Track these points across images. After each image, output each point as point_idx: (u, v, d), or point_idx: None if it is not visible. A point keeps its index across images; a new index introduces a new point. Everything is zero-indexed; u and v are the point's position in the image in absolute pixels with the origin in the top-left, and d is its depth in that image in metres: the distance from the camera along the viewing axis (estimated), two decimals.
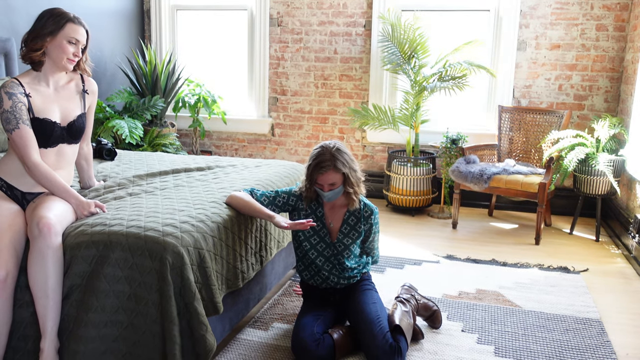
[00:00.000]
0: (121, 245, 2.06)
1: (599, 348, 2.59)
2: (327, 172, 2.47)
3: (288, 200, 2.63)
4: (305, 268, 2.67)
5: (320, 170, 2.47)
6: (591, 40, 4.58)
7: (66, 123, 2.39)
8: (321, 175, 2.48)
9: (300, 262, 2.68)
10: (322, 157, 2.48)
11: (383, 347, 2.34)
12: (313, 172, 2.50)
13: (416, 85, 4.56)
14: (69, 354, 2.03)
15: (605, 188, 4.07)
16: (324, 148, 2.51)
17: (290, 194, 2.65)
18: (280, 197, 2.63)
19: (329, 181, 2.49)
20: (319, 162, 2.48)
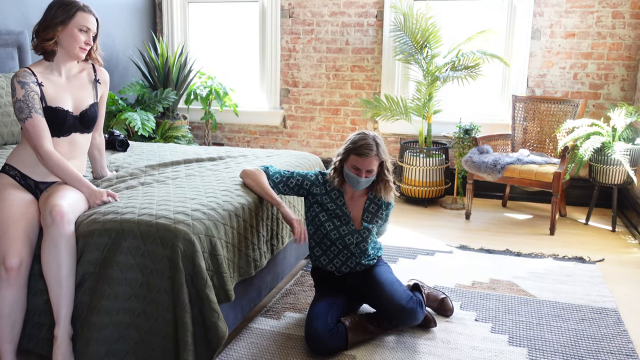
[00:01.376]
0: (133, 233, 2.06)
1: (615, 337, 2.55)
2: (368, 157, 2.43)
3: (302, 184, 2.58)
4: (323, 253, 2.61)
5: (363, 154, 2.42)
6: (607, 28, 4.50)
7: (78, 112, 2.40)
8: (362, 159, 2.43)
9: (318, 247, 2.63)
10: (365, 142, 2.44)
11: (405, 299, 2.42)
12: (353, 155, 2.44)
13: (428, 75, 4.53)
14: (82, 341, 2.05)
15: (622, 177, 4.02)
16: (366, 134, 2.48)
17: (306, 177, 2.60)
18: (294, 179, 2.59)
19: (368, 167, 2.45)
20: (363, 145, 2.43)
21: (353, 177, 2.48)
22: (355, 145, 2.44)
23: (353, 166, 2.46)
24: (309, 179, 2.60)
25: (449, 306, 2.73)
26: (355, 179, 2.48)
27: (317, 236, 2.62)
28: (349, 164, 2.47)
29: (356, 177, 2.47)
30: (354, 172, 2.47)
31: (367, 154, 2.42)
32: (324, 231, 2.58)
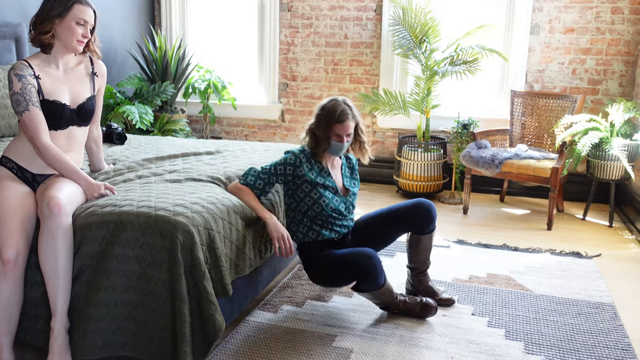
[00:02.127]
0: (132, 225, 2.06)
1: (611, 332, 2.56)
2: (347, 122, 2.50)
3: (285, 172, 2.55)
4: (322, 227, 2.60)
5: (342, 121, 2.48)
6: (606, 24, 4.50)
7: (76, 105, 2.39)
8: (342, 125, 2.49)
9: (314, 224, 2.59)
10: (342, 108, 2.51)
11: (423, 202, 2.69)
12: (332, 122, 2.48)
13: (427, 70, 4.52)
14: (79, 333, 2.05)
15: (619, 173, 4.02)
16: (337, 100, 2.54)
17: (287, 164, 2.55)
18: (275, 175, 2.56)
19: (348, 131, 2.52)
20: (342, 112, 2.49)
21: (336, 144, 2.54)
22: (336, 114, 2.49)
23: (335, 134, 2.51)
24: (290, 164, 2.55)
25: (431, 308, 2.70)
26: (338, 146, 2.54)
27: (311, 213, 2.57)
28: (332, 135, 2.51)
29: (339, 143, 2.53)
30: (337, 140, 2.53)
31: (347, 119, 2.50)
32: (319, 208, 2.56)
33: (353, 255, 2.48)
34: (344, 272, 2.51)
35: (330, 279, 2.62)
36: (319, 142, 2.55)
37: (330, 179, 2.61)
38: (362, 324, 2.61)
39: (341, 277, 2.57)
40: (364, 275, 2.45)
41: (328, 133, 2.51)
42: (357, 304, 2.79)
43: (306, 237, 2.63)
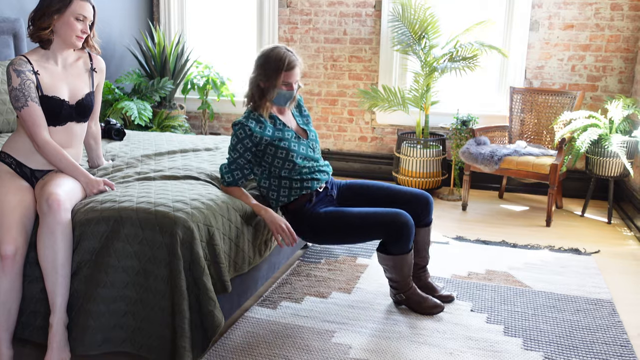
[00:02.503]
0: (131, 220, 2.06)
1: (610, 328, 2.57)
2: (296, 68, 2.45)
3: (246, 147, 2.48)
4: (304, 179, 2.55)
5: (291, 67, 2.43)
6: (605, 20, 4.49)
7: (75, 101, 2.38)
8: (291, 72, 2.44)
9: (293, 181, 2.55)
10: (287, 54, 2.45)
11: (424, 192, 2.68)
12: (281, 71, 2.42)
13: (426, 66, 4.51)
14: (78, 329, 2.05)
15: (618, 170, 4.02)
16: (279, 47, 2.47)
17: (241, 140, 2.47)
18: (243, 157, 2.50)
19: (297, 78, 2.48)
20: (289, 58, 2.43)
21: (286, 93, 2.48)
22: (283, 63, 2.42)
23: (285, 83, 2.45)
24: (243, 137, 2.46)
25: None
26: (288, 95, 2.49)
27: (285, 173, 2.53)
28: (280, 84, 2.45)
29: (289, 92, 2.48)
30: (287, 88, 2.47)
31: (296, 65, 2.45)
32: (290, 164, 2.51)
33: (389, 214, 2.46)
34: (373, 229, 2.47)
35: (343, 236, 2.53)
36: (265, 94, 2.46)
37: (287, 129, 2.56)
38: (361, 320, 2.61)
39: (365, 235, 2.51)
40: (397, 235, 2.44)
41: (276, 82, 2.43)
42: (357, 300, 2.80)
43: (291, 197, 2.57)
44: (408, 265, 2.58)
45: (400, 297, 2.66)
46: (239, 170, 2.53)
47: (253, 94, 2.50)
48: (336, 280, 3.03)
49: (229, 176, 2.54)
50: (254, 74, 2.49)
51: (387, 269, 2.61)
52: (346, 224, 2.51)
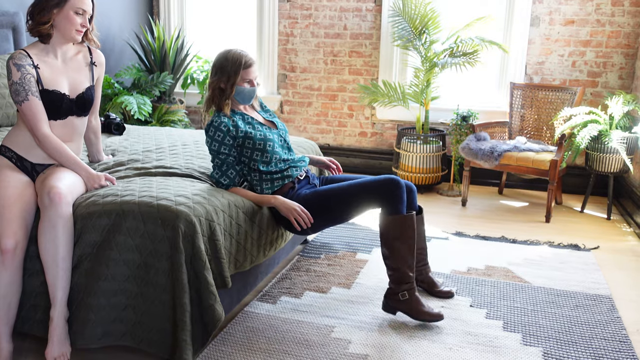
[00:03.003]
0: (133, 214, 2.06)
1: (608, 324, 2.57)
2: (254, 66, 2.57)
3: (230, 144, 2.51)
4: (282, 171, 2.59)
5: (249, 65, 2.54)
6: (606, 16, 4.49)
7: (75, 95, 2.38)
8: (249, 69, 2.54)
9: (272, 174, 2.57)
10: (243, 54, 2.55)
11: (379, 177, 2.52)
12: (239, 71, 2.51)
13: (427, 62, 4.51)
14: (78, 323, 2.05)
15: (618, 166, 4.03)
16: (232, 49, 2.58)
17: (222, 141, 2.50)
18: (229, 156, 2.52)
19: (256, 74, 2.58)
20: (246, 57, 2.54)
21: (249, 90, 2.57)
22: (241, 62, 2.52)
23: (246, 80, 2.55)
24: (225, 133, 2.49)
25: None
26: (251, 91, 2.58)
27: (264, 167, 2.56)
28: (241, 81, 2.54)
29: (251, 88, 2.57)
30: (249, 86, 2.57)
31: (253, 63, 2.57)
32: (269, 154, 2.55)
33: (380, 177, 2.48)
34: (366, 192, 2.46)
35: (338, 208, 2.52)
36: (227, 93, 2.53)
37: (256, 121, 2.63)
38: (361, 314, 2.62)
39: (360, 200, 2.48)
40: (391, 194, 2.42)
41: (236, 80, 2.52)
42: (356, 295, 2.80)
43: (274, 187, 2.59)
44: (409, 238, 2.45)
45: (402, 296, 2.49)
46: (232, 168, 2.54)
47: (214, 97, 2.56)
48: (336, 275, 3.03)
49: (224, 179, 2.53)
50: (214, 77, 2.56)
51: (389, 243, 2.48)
52: (338, 194, 2.50)
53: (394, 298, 2.52)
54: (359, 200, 2.49)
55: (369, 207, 2.51)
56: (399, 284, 2.51)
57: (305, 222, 2.46)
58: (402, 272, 2.49)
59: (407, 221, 2.46)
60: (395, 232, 2.46)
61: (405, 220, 2.46)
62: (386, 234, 2.49)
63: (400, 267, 2.49)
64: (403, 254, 2.48)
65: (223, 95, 2.54)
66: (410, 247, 2.48)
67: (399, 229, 2.46)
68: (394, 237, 2.47)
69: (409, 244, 2.48)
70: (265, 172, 2.57)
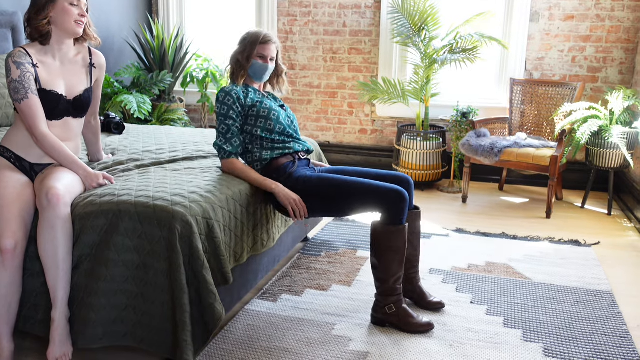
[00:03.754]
0: (130, 215, 2.06)
1: (609, 319, 2.57)
2: (271, 43, 2.63)
3: (237, 111, 2.57)
4: (283, 143, 2.62)
5: (267, 41, 2.61)
6: (606, 11, 4.47)
7: (72, 97, 2.38)
8: (267, 46, 2.61)
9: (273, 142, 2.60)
10: (265, 32, 2.64)
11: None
12: (256, 43, 2.59)
13: (426, 58, 4.50)
14: (79, 323, 2.06)
15: (619, 161, 4.02)
16: (255, 29, 2.69)
17: (231, 106, 2.56)
18: (235, 124, 2.56)
19: (271, 54, 2.64)
20: (265, 35, 2.63)
21: (262, 65, 2.63)
22: (259, 37, 2.61)
23: (259, 55, 2.62)
24: (235, 100, 2.56)
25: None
26: (263, 67, 2.63)
27: (267, 134, 2.59)
28: (256, 55, 2.61)
29: (264, 64, 2.63)
30: (261, 60, 2.63)
31: (270, 40, 2.63)
32: (273, 122, 2.60)
33: (387, 185, 2.43)
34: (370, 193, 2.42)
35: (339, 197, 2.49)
36: (242, 66, 2.62)
37: (266, 99, 2.69)
38: (362, 312, 2.62)
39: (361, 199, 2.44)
40: (394, 204, 2.39)
41: (252, 53, 2.60)
42: (356, 293, 2.80)
43: (274, 154, 2.59)
44: (400, 250, 2.42)
45: (389, 309, 2.46)
46: (236, 137, 2.58)
47: (233, 69, 2.67)
48: (336, 273, 3.03)
49: (227, 145, 2.56)
50: (234, 51, 2.68)
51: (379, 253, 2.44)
52: (343, 187, 2.47)
53: (381, 311, 2.48)
54: (361, 201, 2.46)
55: (369, 210, 2.48)
56: (386, 297, 2.47)
57: (301, 214, 2.49)
58: (389, 285, 2.46)
59: (402, 232, 2.43)
60: (387, 242, 2.42)
61: (399, 231, 2.42)
62: (378, 242, 2.45)
63: (388, 280, 2.45)
64: (392, 266, 2.43)
65: (240, 68, 2.63)
66: (401, 259, 2.44)
67: (392, 240, 2.42)
68: (386, 247, 2.42)
69: (400, 256, 2.43)
70: (266, 138, 2.60)
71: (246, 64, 2.62)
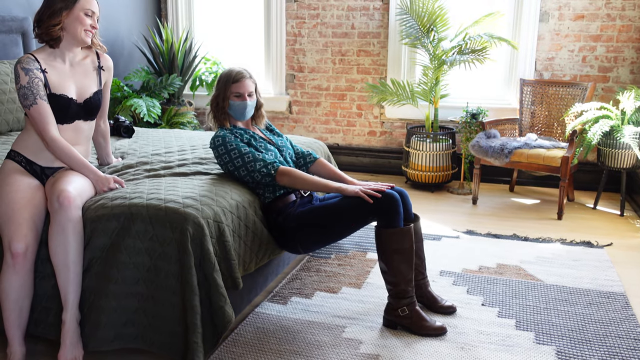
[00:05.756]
0: (142, 217, 2.07)
1: (622, 322, 2.54)
2: (245, 80, 2.58)
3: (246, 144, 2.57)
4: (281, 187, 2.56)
5: (240, 79, 2.57)
6: (617, 10, 4.44)
7: (82, 99, 2.39)
8: (241, 83, 2.56)
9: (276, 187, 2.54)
10: (235, 69, 2.60)
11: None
12: (229, 84, 2.55)
13: (435, 59, 4.48)
14: (90, 325, 2.06)
15: (631, 161, 3.98)
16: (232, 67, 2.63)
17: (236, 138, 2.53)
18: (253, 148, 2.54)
19: (248, 89, 2.58)
20: (237, 72, 2.58)
21: (239, 104, 2.57)
22: (231, 75, 2.57)
23: (235, 94, 2.57)
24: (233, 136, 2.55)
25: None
26: (242, 105, 2.57)
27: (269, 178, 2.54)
28: (231, 95, 2.56)
29: (242, 102, 2.57)
30: (238, 99, 2.57)
31: (244, 76, 2.58)
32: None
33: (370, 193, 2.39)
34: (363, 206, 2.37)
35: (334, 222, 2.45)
36: (222, 108, 2.58)
37: (256, 135, 2.63)
38: (372, 314, 2.60)
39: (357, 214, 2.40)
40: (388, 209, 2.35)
41: (227, 94, 2.56)
42: (367, 295, 2.79)
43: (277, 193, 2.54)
44: (407, 251, 2.39)
45: (402, 311, 2.44)
46: (266, 152, 2.53)
47: (213, 112, 2.62)
48: (346, 275, 3.02)
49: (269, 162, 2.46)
50: (212, 95, 2.64)
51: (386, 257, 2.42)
52: (332, 209, 2.44)
53: (394, 313, 2.46)
54: (354, 215, 2.41)
55: (365, 222, 2.44)
56: (398, 299, 2.45)
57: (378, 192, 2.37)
58: (401, 287, 2.44)
59: (405, 234, 2.40)
60: (393, 245, 2.39)
61: (402, 233, 2.39)
62: (384, 248, 2.43)
63: (399, 282, 2.43)
64: (402, 268, 2.41)
65: (220, 111, 2.60)
66: (409, 261, 2.42)
67: (396, 243, 2.39)
68: (392, 251, 2.40)
69: (408, 257, 2.41)
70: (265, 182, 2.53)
71: (224, 105, 2.58)
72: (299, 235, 2.49)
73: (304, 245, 2.54)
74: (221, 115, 2.59)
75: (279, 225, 2.51)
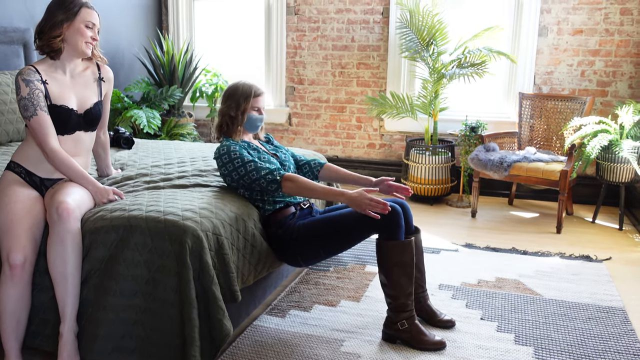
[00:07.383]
0: (141, 229, 2.06)
1: (622, 337, 2.53)
2: (263, 95, 2.66)
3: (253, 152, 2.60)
4: (283, 196, 2.56)
5: (259, 94, 2.62)
6: (615, 25, 4.47)
7: (83, 110, 2.40)
8: (260, 98, 2.63)
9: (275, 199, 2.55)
10: (252, 85, 2.64)
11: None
12: (250, 99, 2.59)
13: (435, 73, 4.50)
14: (88, 338, 2.05)
15: (629, 175, 3.99)
16: (242, 81, 2.68)
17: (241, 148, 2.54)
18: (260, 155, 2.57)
19: (264, 103, 2.66)
20: (255, 86, 2.63)
21: (257, 117, 2.64)
22: (252, 90, 2.62)
23: (255, 108, 2.63)
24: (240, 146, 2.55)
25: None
26: (258, 119, 2.64)
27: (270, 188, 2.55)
28: (251, 109, 2.61)
29: (259, 116, 2.65)
30: (257, 113, 2.64)
31: (262, 92, 2.66)
32: None
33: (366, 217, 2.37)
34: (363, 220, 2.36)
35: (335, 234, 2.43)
36: (236, 121, 2.59)
37: (260, 148, 2.66)
38: (371, 328, 2.59)
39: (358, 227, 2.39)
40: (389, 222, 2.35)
41: (246, 107, 2.59)
42: (365, 309, 2.78)
43: (276, 205, 2.54)
44: (408, 265, 2.38)
45: (401, 325, 2.42)
46: (267, 162, 2.53)
47: (223, 124, 2.63)
48: (345, 288, 3.01)
49: (274, 169, 2.46)
50: (224, 105, 2.64)
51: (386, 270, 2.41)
52: (332, 221, 2.44)
53: (393, 327, 2.44)
54: (355, 228, 2.41)
55: (366, 234, 2.43)
56: (398, 313, 2.43)
57: (383, 209, 2.32)
58: (401, 301, 2.42)
59: (406, 247, 2.39)
60: (393, 258, 2.39)
61: (404, 246, 2.39)
62: (384, 260, 2.42)
63: (399, 296, 2.41)
64: (402, 281, 2.40)
65: (234, 123, 2.61)
66: (409, 274, 2.41)
67: (397, 256, 2.39)
68: (393, 263, 2.39)
69: (408, 270, 2.40)
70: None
71: (242, 118, 2.59)
72: (299, 248, 2.48)
73: (304, 258, 2.53)
74: (234, 128, 2.61)
75: (279, 238, 2.50)
